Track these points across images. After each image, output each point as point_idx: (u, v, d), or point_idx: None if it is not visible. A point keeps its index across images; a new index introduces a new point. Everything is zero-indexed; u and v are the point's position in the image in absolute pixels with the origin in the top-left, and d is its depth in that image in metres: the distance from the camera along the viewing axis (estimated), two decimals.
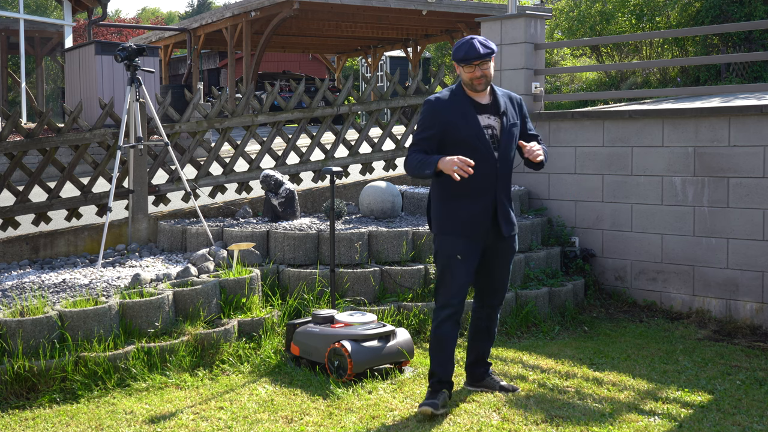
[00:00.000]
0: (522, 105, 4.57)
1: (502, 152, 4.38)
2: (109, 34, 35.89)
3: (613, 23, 20.76)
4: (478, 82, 4.32)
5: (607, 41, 13.83)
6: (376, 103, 8.08)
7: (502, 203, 4.43)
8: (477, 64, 4.29)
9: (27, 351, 4.77)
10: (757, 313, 6.49)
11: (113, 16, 52.46)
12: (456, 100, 4.38)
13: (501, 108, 4.40)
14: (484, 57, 4.28)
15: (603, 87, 20.65)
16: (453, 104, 4.37)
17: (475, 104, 4.39)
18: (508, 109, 4.43)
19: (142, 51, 6.56)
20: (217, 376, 5.10)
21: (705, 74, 18.32)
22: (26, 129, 6.70)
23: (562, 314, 6.63)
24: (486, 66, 4.32)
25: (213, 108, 7.44)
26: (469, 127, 4.32)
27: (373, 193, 7.05)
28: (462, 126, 4.32)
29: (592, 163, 7.44)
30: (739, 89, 9.77)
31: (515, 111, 4.49)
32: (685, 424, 4.33)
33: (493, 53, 4.32)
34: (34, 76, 21.87)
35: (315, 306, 5.90)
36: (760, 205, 6.45)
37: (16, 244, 6.56)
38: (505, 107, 4.42)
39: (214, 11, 21.45)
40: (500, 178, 4.39)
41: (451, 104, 4.37)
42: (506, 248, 4.56)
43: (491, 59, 4.34)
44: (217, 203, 7.49)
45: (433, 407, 4.32)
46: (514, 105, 4.51)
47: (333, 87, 25.92)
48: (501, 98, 4.43)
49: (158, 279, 5.80)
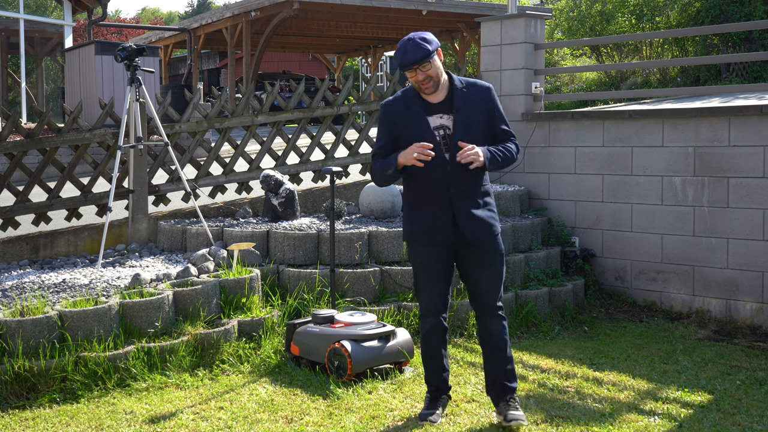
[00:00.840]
0: (491, 95, 4.16)
1: (454, 152, 4.03)
2: (109, 34, 35.90)
3: (613, 23, 20.76)
4: (424, 86, 4.06)
5: (607, 41, 13.82)
6: (376, 103, 8.08)
7: (463, 206, 4.10)
8: (416, 68, 3.99)
9: (27, 351, 4.77)
10: (757, 313, 6.49)
11: (113, 16, 52.47)
12: (407, 102, 4.15)
13: (454, 105, 4.09)
14: (419, 62, 3.97)
15: (603, 87, 20.66)
16: (404, 107, 4.15)
17: (426, 104, 4.12)
18: (466, 105, 4.09)
19: (142, 51, 6.56)
20: (217, 376, 5.10)
21: (705, 74, 18.32)
22: (26, 129, 6.70)
23: (562, 314, 6.63)
24: (427, 67, 4.00)
25: (213, 108, 7.45)
26: (418, 129, 4.08)
27: (373, 193, 7.05)
28: (411, 128, 4.10)
29: (592, 163, 7.44)
30: (739, 89, 9.77)
31: (478, 103, 4.12)
32: (685, 424, 4.33)
33: (431, 53, 3.98)
34: (34, 76, 21.87)
35: (315, 306, 5.90)
36: (760, 205, 6.45)
37: (16, 244, 6.56)
38: (462, 103, 4.09)
39: (214, 11, 21.45)
40: (455, 179, 4.08)
41: (401, 108, 4.15)
42: (482, 252, 4.20)
43: (431, 59, 3.99)
44: (217, 203, 7.49)
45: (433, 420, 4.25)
46: (477, 97, 4.13)
47: (333, 87, 25.92)
48: (458, 93, 4.10)
49: (158, 279, 5.80)
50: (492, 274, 4.23)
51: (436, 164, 4.05)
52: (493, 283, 4.23)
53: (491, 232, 4.19)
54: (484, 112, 4.13)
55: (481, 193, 4.18)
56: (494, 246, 4.22)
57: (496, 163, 4.11)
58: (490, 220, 4.20)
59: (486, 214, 4.18)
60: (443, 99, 4.13)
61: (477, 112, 4.11)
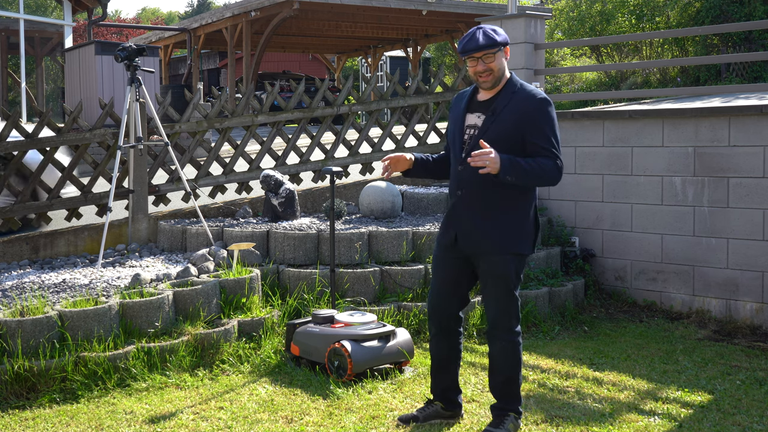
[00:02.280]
0: (538, 105, 3.82)
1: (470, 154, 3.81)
2: (109, 34, 35.88)
3: (613, 23, 20.76)
4: (482, 78, 3.86)
5: (607, 41, 13.81)
6: (376, 103, 8.08)
7: (465, 213, 3.92)
8: (478, 57, 3.83)
9: (27, 351, 4.77)
10: (757, 313, 6.49)
11: (113, 16, 52.47)
12: (465, 96, 4.06)
13: (493, 105, 3.89)
14: (483, 49, 3.79)
15: (603, 87, 20.65)
16: (460, 101, 4.07)
17: (473, 101, 4.00)
18: (506, 108, 3.85)
19: (142, 51, 6.56)
20: (217, 376, 5.10)
21: (705, 74, 18.32)
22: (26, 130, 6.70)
23: (562, 314, 6.63)
24: (490, 59, 3.82)
25: (213, 108, 7.45)
26: (453, 124, 4.03)
27: (373, 193, 7.05)
28: (452, 122, 4.05)
29: (592, 163, 7.44)
30: (739, 89, 9.77)
31: (520, 110, 3.83)
32: (685, 424, 4.33)
33: (497, 45, 3.81)
34: (34, 76, 21.87)
35: (315, 306, 5.90)
36: (760, 205, 6.45)
37: (16, 244, 6.56)
38: (502, 105, 3.86)
39: (214, 11, 21.45)
40: (464, 182, 3.90)
41: (459, 101, 4.08)
42: (484, 268, 3.94)
43: (496, 52, 3.83)
44: (217, 203, 7.49)
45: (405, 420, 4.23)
46: (522, 103, 3.84)
47: (333, 87, 25.92)
48: (504, 95, 3.88)
49: (158, 279, 5.80)
50: (491, 298, 3.97)
51: (454, 164, 3.99)
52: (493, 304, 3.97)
53: (492, 249, 3.89)
54: (522, 121, 3.82)
55: (498, 205, 3.87)
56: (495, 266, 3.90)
57: (518, 175, 3.72)
58: (495, 236, 3.87)
59: (492, 229, 3.88)
60: (489, 98, 3.94)
61: (514, 118, 3.83)
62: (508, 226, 3.89)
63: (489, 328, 4.05)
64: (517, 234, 3.90)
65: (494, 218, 3.88)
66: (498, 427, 4.01)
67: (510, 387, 4.06)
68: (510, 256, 3.90)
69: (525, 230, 3.94)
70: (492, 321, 4.00)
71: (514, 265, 3.92)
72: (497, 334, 4.00)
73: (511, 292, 3.94)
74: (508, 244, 3.89)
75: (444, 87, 8.50)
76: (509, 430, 4.01)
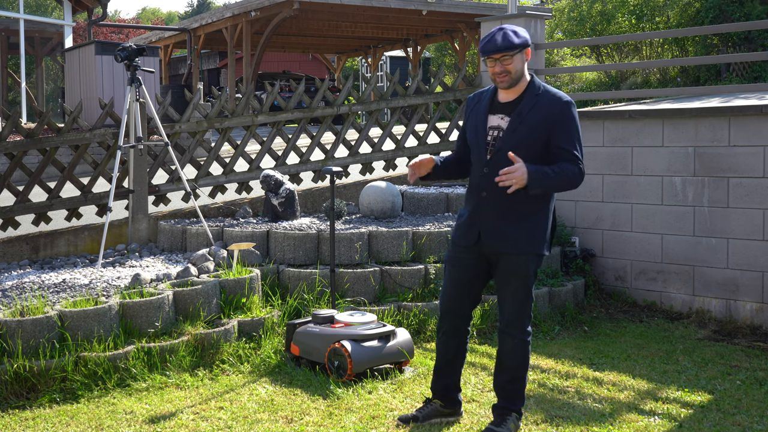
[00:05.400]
0: (562, 108, 3.86)
1: (496, 156, 3.89)
2: (109, 34, 35.87)
3: (613, 23, 20.77)
4: (499, 79, 3.88)
5: (607, 41, 13.82)
6: (376, 103, 8.08)
7: (488, 214, 3.94)
8: (497, 58, 3.84)
9: (27, 351, 4.77)
10: (757, 313, 6.49)
11: (113, 16, 52.46)
12: (483, 96, 4.07)
13: (519, 107, 3.90)
14: (501, 51, 3.81)
15: (603, 87, 20.66)
16: (478, 101, 4.07)
17: (494, 102, 4.00)
18: (530, 111, 3.87)
19: (142, 51, 6.57)
20: (217, 376, 5.10)
21: (705, 74, 18.32)
22: (26, 129, 6.70)
23: (562, 314, 6.63)
24: (509, 61, 3.83)
25: (213, 108, 7.45)
26: (474, 125, 4.02)
27: (373, 193, 7.05)
28: (472, 123, 4.04)
29: (592, 163, 7.44)
30: (739, 89, 9.76)
31: (544, 113, 3.85)
32: (685, 424, 4.33)
33: (515, 48, 3.82)
34: (34, 76, 21.87)
35: (315, 306, 5.90)
36: (760, 205, 6.45)
37: (16, 244, 6.56)
38: (527, 108, 3.88)
39: (214, 11, 21.46)
40: (489, 185, 3.90)
41: (477, 101, 4.08)
42: (503, 267, 3.98)
43: (514, 54, 3.84)
44: (217, 203, 7.49)
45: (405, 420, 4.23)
46: (546, 106, 3.86)
47: (333, 87, 25.92)
48: (528, 97, 3.90)
49: (158, 279, 5.80)
50: (508, 297, 4.00)
51: (477, 166, 3.99)
52: (510, 303, 4.00)
53: (515, 249, 3.93)
54: (546, 123, 3.84)
55: (522, 206, 3.91)
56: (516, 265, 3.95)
57: (546, 186, 3.83)
58: (518, 236, 3.92)
59: (515, 229, 3.92)
60: (512, 100, 3.94)
61: (538, 121, 3.85)
62: (531, 226, 3.94)
63: (502, 326, 4.05)
64: (539, 234, 3.96)
65: (518, 219, 3.93)
66: (500, 426, 4.02)
67: (515, 386, 4.08)
68: (531, 255, 3.96)
69: (546, 231, 3.99)
70: (507, 319, 4.02)
71: (534, 264, 3.98)
72: (511, 332, 4.02)
73: (529, 292, 3.99)
74: (530, 244, 3.94)
75: (444, 87, 8.50)
76: (511, 429, 4.02)
